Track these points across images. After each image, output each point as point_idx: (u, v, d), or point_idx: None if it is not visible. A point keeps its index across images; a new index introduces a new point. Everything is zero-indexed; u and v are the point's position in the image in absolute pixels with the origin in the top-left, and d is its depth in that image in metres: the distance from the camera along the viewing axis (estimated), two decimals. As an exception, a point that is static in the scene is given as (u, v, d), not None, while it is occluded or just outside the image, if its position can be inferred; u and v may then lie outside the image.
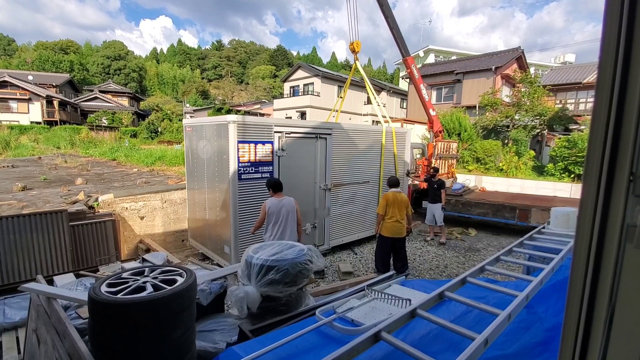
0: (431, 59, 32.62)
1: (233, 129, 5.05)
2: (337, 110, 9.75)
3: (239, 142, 5.12)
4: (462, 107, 19.93)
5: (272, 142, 5.55)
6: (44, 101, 34.15)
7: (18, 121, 31.50)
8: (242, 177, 5.23)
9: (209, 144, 5.70)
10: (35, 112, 33.91)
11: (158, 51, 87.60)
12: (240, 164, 5.18)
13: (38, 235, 5.09)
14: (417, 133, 17.35)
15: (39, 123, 32.02)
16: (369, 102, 27.84)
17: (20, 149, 20.54)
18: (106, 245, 6.00)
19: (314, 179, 6.40)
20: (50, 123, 32.62)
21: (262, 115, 39.88)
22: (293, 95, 31.17)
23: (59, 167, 14.05)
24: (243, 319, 3.22)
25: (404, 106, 32.15)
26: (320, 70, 30.14)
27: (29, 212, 5.28)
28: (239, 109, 38.83)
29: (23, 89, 33.90)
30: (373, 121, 27.45)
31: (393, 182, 5.65)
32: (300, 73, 30.96)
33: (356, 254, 6.97)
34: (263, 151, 5.44)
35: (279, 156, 5.69)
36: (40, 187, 9.37)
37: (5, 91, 33.33)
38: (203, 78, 72.40)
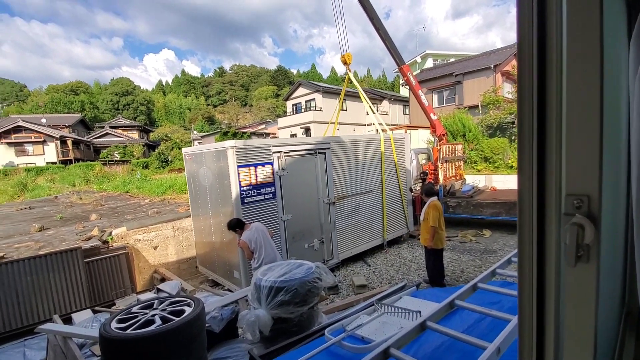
0: (429, 63, 32.80)
1: (232, 154, 5.14)
2: (333, 123, 9.81)
3: (239, 166, 5.20)
4: (465, 108, 19.83)
5: (271, 163, 5.61)
6: (58, 142, 35.39)
7: (34, 163, 32.65)
8: (245, 201, 5.29)
9: (210, 171, 5.80)
10: (50, 152, 35.14)
11: (163, 83, 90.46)
12: (242, 187, 5.24)
13: (54, 275, 5.21)
14: (422, 138, 17.30)
15: (55, 163, 33.11)
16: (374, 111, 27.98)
17: (38, 190, 21.20)
18: (121, 278, 6.09)
19: (317, 195, 6.42)
20: (65, 162, 33.69)
21: (267, 135, 40.43)
22: (296, 113, 31.59)
23: (75, 205, 14.42)
24: (256, 343, 3.20)
25: (407, 112, 32.20)
26: (320, 86, 30.59)
27: (45, 253, 5.41)
28: (245, 130, 39.50)
29: (37, 131, 35.24)
30: (377, 130, 27.49)
31: (432, 191, 5.53)
32: (301, 90, 31.45)
33: (369, 265, 6.89)
34: (263, 173, 5.51)
35: (279, 176, 5.74)
36: (56, 226, 9.62)
37: (20, 135, 34.70)
38: (208, 104, 74.14)
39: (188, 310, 2.48)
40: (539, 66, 0.49)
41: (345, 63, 8.74)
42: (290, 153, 5.95)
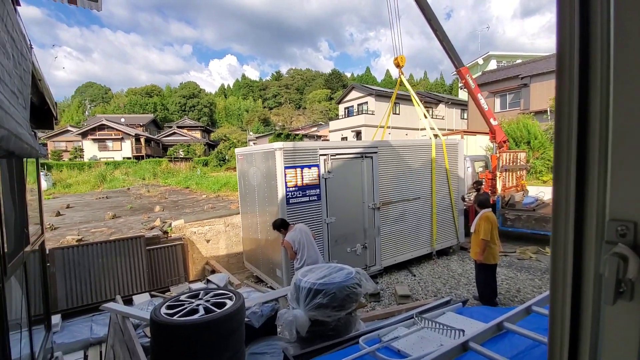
0: (493, 65, 30.74)
1: (280, 156, 5.28)
2: (383, 127, 9.61)
3: (286, 167, 5.32)
4: (531, 113, 18.24)
5: (317, 165, 5.66)
6: (133, 139, 39.47)
7: (113, 158, 36.73)
8: (291, 202, 5.40)
9: (259, 171, 6.02)
10: (126, 149, 39.29)
11: (225, 87, 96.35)
12: (288, 188, 5.36)
13: (120, 259, 5.79)
14: (481, 144, 16.24)
15: (129, 158, 36.94)
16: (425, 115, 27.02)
17: (114, 182, 23.80)
18: (176, 267, 6.58)
19: (361, 199, 6.33)
20: (138, 157, 37.42)
21: (319, 137, 40.98)
22: (348, 116, 31.61)
23: (143, 197, 15.92)
24: (293, 342, 3.24)
25: (465, 117, 30.52)
26: (373, 89, 30.27)
27: (114, 239, 6.05)
28: (297, 132, 40.48)
29: (117, 130, 39.64)
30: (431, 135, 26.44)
31: (487, 202, 5.16)
32: (354, 94, 31.41)
33: (414, 275, 6.62)
34: (309, 175, 5.57)
35: (325, 178, 5.77)
36: (126, 215, 10.70)
37: (103, 133, 39.31)
38: (264, 107, 77.34)
39: (229, 303, 2.59)
40: (580, 73, 0.43)
41: (397, 66, 8.55)
42: (337, 156, 5.96)
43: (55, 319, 4.56)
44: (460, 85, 32.71)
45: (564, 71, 0.45)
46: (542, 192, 10.21)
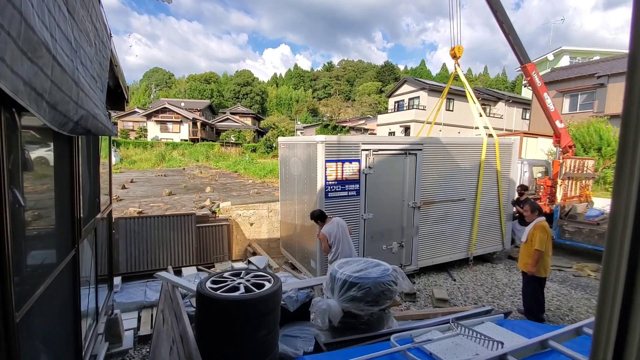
0: (565, 61, 27.92)
1: (321, 149, 5.30)
2: (430, 123, 9.22)
3: (327, 161, 5.33)
4: (605, 116, 16.36)
5: (359, 160, 5.61)
6: (191, 123, 42.07)
7: (172, 139, 39.50)
8: (329, 195, 5.43)
9: (300, 161, 6.11)
10: (184, 131, 42.02)
11: (277, 76, 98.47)
12: (327, 182, 5.37)
13: (173, 233, 6.30)
14: (542, 148, 14.99)
15: (186, 140, 39.48)
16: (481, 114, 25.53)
17: (172, 161, 25.64)
18: (222, 245, 6.99)
19: (401, 197, 6.19)
20: (194, 140, 39.89)
21: (366, 130, 40.48)
22: (397, 110, 30.79)
23: (196, 177, 17.00)
24: (324, 330, 3.33)
25: (527, 117, 28.24)
26: (426, 84, 29.07)
27: (169, 214, 6.57)
28: (344, 125, 40.33)
29: (177, 113, 42.48)
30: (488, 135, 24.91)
31: (539, 208, 4.84)
32: (405, 87, 30.45)
33: (454, 280, 6.38)
34: (350, 169, 5.54)
35: (365, 174, 5.70)
36: (180, 193, 11.52)
37: (165, 115, 42.36)
38: (314, 97, 77.95)
39: (268, 285, 2.72)
40: None
41: (454, 57, 8.11)
42: (379, 151, 5.86)
43: (116, 280, 5.11)
44: (524, 82, 30.21)
45: (635, 72, 0.41)
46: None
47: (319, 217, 4.78)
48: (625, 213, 0.44)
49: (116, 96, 4.08)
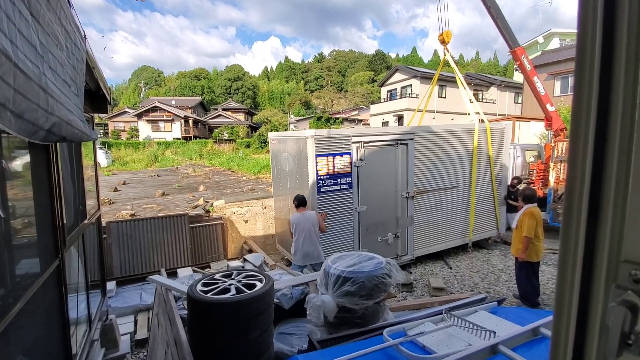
0: (555, 44, 27.87)
1: (311, 143, 5.25)
2: (421, 111, 9.17)
3: (317, 155, 5.29)
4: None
5: (350, 153, 5.57)
6: (182, 121, 41.61)
7: (164, 138, 39.09)
8: (321, 190, 5.40)
9: (290, 157, 6.06)
10: (176, 130, 41.58)
11: (268, 69, 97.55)
12: (319, 176, 5.34)
13: (167, 234, 6.25)
14: (535, 132, 15.03)
15: (178, 139, 39.10)
16: (475, 99, 25.52)
17: (164, 161, 25.43)
18: (217, 245, 6.95)
19: (395, 188, 6.17)
20: (187, 138, 39.49)
21: (359, 121, 40.35)
22: (390, 99, 30.67)
23: (189, 176, 16.87)
24: (320, 326, 3.32)
25: (519, 101, 28.28)
26: (418, 71, 28.94)
27: (162, 215, 6.51)
28: (338, 116, 40.15)
29: (168, 112, 41.97)
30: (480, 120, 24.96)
31: (533, 197, 4.84)
32: (397, 76, 30.30)
33: (451, 268, 6.42)
34: (341, 163, 5.51)
35: (357, 166, 5.67)
36: (174, 193, 11.43)
37: (156, 114, 41.84)
38: (306, 89, 77.38)
39: (259, 285, 2.69)
40: (601, 76, 0.35)
41: (443, 42, 8.03)
42: (370, 143, 5.83)
43: (111, 285, 5.07)
44: (515, 66, 30.23)
45: (583, 73, 0.38)
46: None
47: (299, 202, 4.81)
48: (577, 225, 0.41)
49: (98, 98, 3.99)
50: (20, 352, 1.77)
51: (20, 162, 2.10)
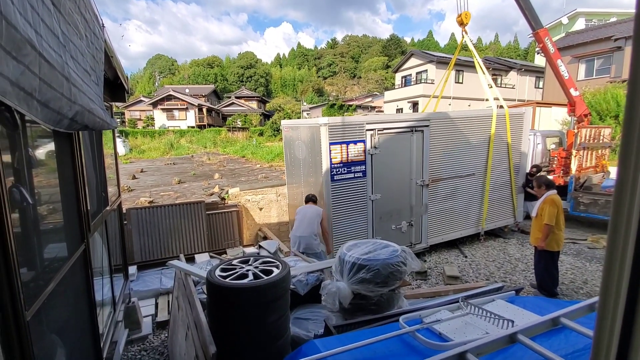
0: (580, 24, 26.55)
1: (325, 132, 5.20)
2: (437, 97, 8.95)
3: (331, 143, 5.24)
4: (623, 81, 15.66)
5: (364, 141, 5.51)
6: (196, 109, 41.98)
7: (179, 126, 39.60)
8: (335, 178, 5.37)
9: (304, 145, 6.03)
10: (191, 118, 42.02)
11: (280, 56, 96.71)
12: (332, 165, 5.30)
13: (184, 221, 6.39)
14: (556, 118, 14.52)
15: (193, 127, 39.53)
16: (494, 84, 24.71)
17: (180, 149, 25.80)
18: (232, 231, 7.08)
19: (409, 175, 6.09)
20: (201, 127, 39.90)
21: (373, 108, 39.80)
22: (405, 86, 30.06)
23: (204, 164, 17.10)
24: (335, 312, 3.37)
25: (540, 86, 27.26)
26: (434, 56, 28.15)
27: (179, 202, 6.65)
28: (351, 103, 39.70)
29: (182, 100, 42.36)
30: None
31: (553, 183, 4.74)
32: (412, 61, 29.59)
33: (466, 256, 6.37)
34: (355, 151, 5.45)
35: (371, 154, 5.61)
36: (190, 180, 11.63)
37: (170, 103, 42.31)
38: (319, 76, 76.56)
39: (276, 271, 2.73)
40: None
41: (461, 24, 7.75)
42: (384, 131, 5.73)
43: (132, 269, 5.24)
44: (537, 49, 29.01)
45: None
46: (628, 174, 8.91)
47: (308, 199, 5.30)
48: (634, 182, 0.39)
49: (116, 87, 4.05)
50: (52, 330, 1.87)
51: (45, 150, 2.16)
